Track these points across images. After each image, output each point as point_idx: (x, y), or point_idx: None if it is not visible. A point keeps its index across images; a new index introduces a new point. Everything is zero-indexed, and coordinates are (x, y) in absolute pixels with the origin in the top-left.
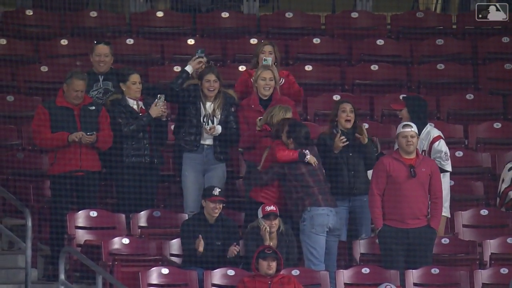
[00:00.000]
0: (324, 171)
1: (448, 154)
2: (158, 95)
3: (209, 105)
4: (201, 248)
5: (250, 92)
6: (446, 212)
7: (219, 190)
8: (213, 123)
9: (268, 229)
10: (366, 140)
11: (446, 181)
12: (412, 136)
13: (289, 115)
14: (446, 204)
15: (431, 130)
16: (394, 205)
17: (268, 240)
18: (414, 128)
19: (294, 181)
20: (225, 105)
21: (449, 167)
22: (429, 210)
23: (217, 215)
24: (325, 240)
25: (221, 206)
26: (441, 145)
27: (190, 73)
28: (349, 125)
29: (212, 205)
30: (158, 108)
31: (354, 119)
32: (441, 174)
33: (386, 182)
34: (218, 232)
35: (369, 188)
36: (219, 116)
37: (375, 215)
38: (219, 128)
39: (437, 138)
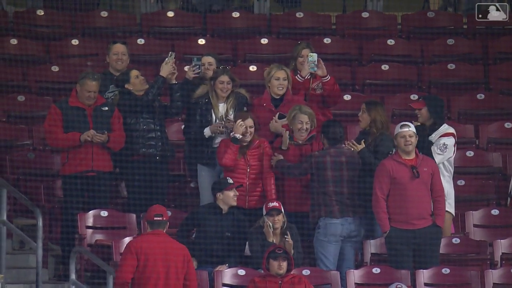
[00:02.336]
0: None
1: (447, 149)
2: (170, 52)
3: (222, 106)
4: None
5: (299, 88)
6: (450, 208)
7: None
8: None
9: (271, 226)
10: (359, 148)
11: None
12: (410, 136)
13: (304, 116)
14: (450, 201)
15: (449, 128)
16: (400, 207)
17: (271, 237)
18: (412, 128)
19: (317, 182)
20: (238, 105)
21: (437, 159)
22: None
23: (235, 203)
24: (338, 248)
25: (237, 193)
26: (446, 139)
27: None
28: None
29: (232, 194)
30: (169, 66)
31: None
32: (447, 174)
33: (389, 184)
34: (228, 220)
35: (373, 192)
36: (232, 116)
37: (381, 218)
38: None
39: (448, 134)
